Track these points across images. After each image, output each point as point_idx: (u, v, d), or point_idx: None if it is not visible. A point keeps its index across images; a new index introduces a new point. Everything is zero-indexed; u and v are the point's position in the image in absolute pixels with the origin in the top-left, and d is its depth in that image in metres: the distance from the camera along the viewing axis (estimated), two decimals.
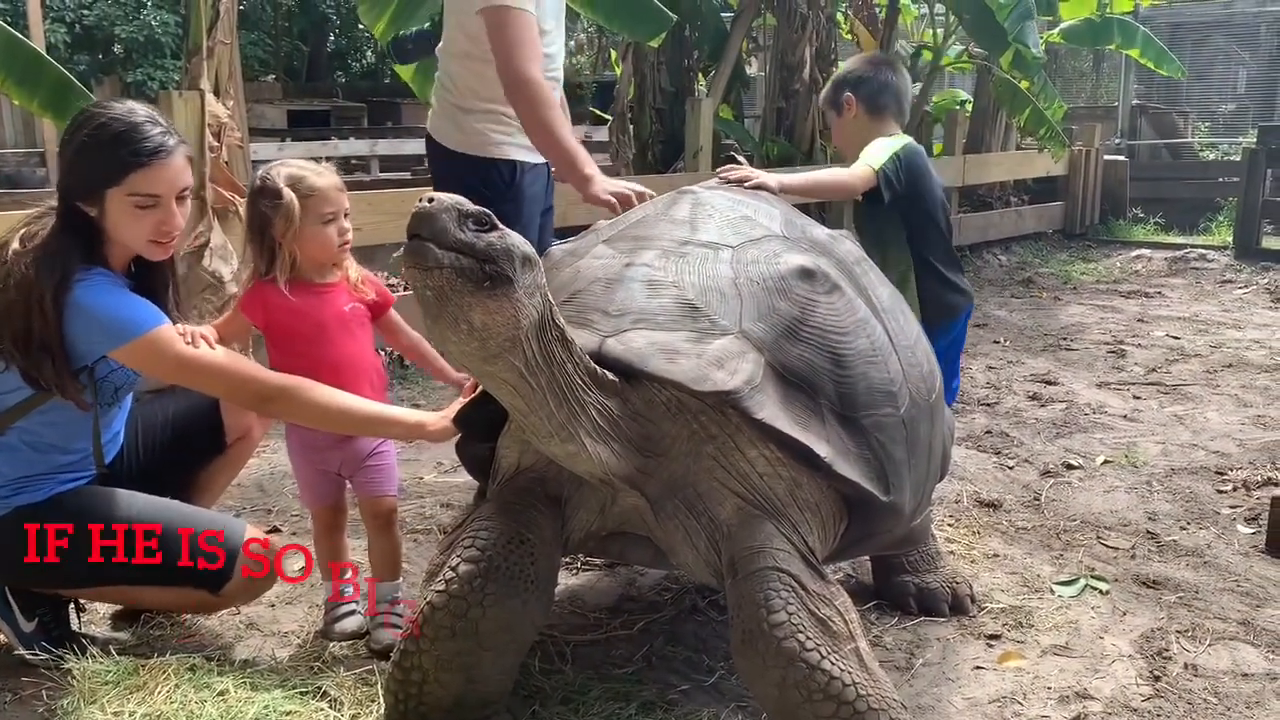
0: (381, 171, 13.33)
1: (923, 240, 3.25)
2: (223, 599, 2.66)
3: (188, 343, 2.46)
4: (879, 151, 3.16)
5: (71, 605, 2.70)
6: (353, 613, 2.78)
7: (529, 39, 3.01)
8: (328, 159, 2.78)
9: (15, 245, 2.42)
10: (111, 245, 2.48)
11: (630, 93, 8.66)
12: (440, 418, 2.55)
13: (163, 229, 2.44)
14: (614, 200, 2.89)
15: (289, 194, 2.49)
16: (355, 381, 2.62)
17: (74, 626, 2.70)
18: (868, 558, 3.07)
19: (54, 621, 2.63)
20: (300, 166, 2.59)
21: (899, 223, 3.22)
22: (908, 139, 3.29)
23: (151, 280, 2.60)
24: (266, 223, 2.52)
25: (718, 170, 2.95)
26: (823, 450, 2.14)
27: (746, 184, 2.81)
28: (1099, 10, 10.10)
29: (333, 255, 2.61)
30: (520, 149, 3.26)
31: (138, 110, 2.44)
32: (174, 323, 2.53)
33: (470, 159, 3.21)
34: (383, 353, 5.24)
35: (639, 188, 2.96)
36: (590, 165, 3.00)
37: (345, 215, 2.60)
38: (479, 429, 2.45)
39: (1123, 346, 6.44)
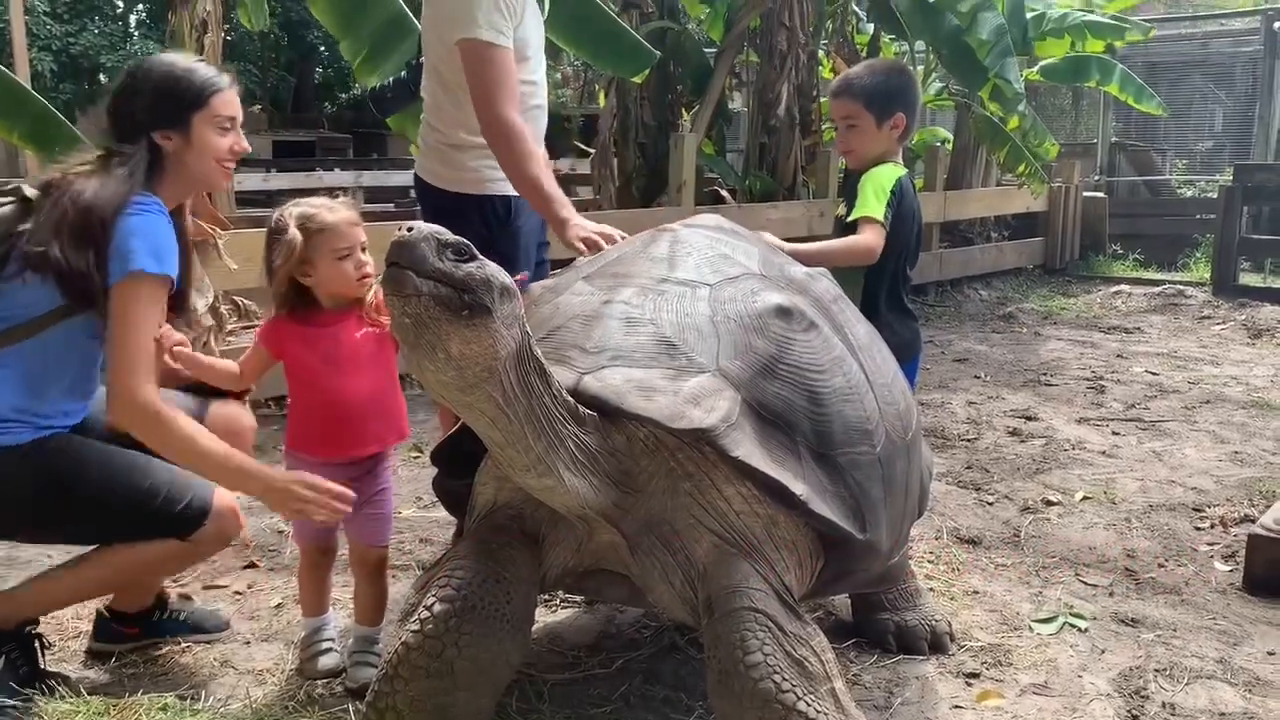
0: (367, 203, 13.33)
1: (877, 276, 3.13)
2: (196, 546, 2.61)
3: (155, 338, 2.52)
4: (876, 194, 3.04)
5: (38, 643, 2.66)
6: (330, 650, 2.75)
7: (506, 77, 2.99)
8: (336, 191, 2.80)
9: (59, 174, 2.51)
10: (170, 183, 2.59)
11: (614, 127, 8.72)
12: (285, 482, 2.49)
13: (235, 150, 2.65)
14: (583, 247, 2.82)
15: (292, 232, 2.52)
16: (370, 414, 2.63)
17: (42, 665, 2.66)
18: (846, 595, 3.06)
19: (22, 659, 2.59)
20: (313, 204, 2.61)
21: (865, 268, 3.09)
22: (903, 171, 3.18)
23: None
24: (275, 259, 2.56)
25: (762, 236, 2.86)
26: (799, 488, 2.14)
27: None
28: (1072, 48, 10.25)
29: (352, 289, 2.60)
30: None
31: (183, 55, 2.73)
32: (181, 284, 2.62)
33: (465, 197, 3.19)
34: None
35: (613, 231, 2.88)
36: (567, 208, 2.96)
37: (363, 249, 2.60)
38: (455, 465, 2.44)
39: (1102, 382, 6.49)
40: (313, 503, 2.46)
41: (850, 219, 3.08)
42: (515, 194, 3.23)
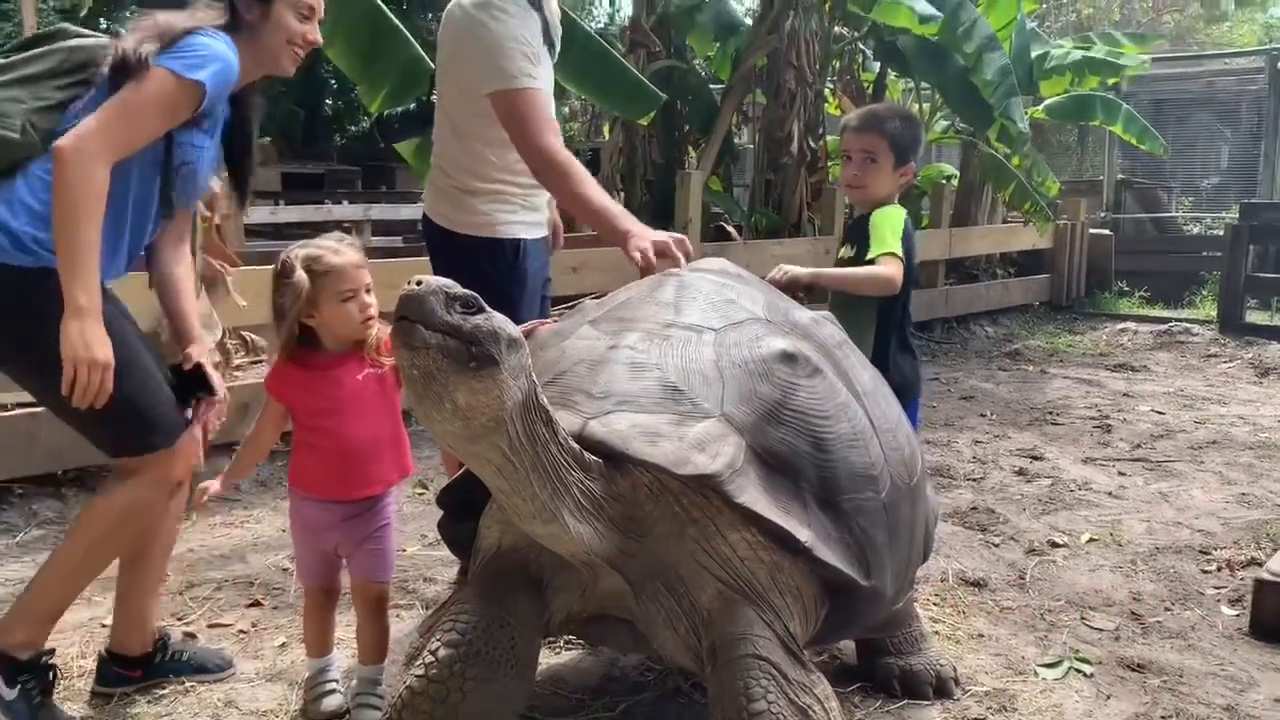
0: (374, 235, 13.42)
1: (888, 317, 3.20)
2: (147, 474, 2.60)
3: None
4: (892, 233, 3.13)
5: (53, 674, 2.66)
6: (333, 691, 2.75)
7: (544, 114, 3.05)
8: (345, 224, 2.83)
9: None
10: (241, 53, 2.64)
11: (619, 163, 8.80)
12: (95, 338, 2.39)
13: (308, 39, 2.75)
14: (640, 261, 2.79)
15: (300, 274, 2.51)
16: (373, 455, 2.63)
17: (55, 695, 2.66)
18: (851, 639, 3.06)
19: (37, 690, 2.60)
20: (319, 246, 2.59)
21: (877, 304, 3.18)
22: (905, 212, 3.26)
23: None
24: (282, 302, 2.56)
25: (768, 276, 2.95)
26: (804, 535, 2.15)
27: (780, 280, 2.91)
28: (1072, 84, 10.31)
29: (357, 331, 2.60)
30: (523, 226, 3.28)
31: None
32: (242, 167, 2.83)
33: (475, 240, 3.20)
34: None
35: (670, 239, 2.83)
36: (627, 219, 2.93)
37: (368, 290, 2.60)
38: (460, 509, 2.45)
39: (1108, 421, 6.48)
40: (83, 380, 2.38)
41: (871, 256, 3.13)
42: (525, 237, 3.26)
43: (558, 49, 3.42)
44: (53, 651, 2.68)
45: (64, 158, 2.39)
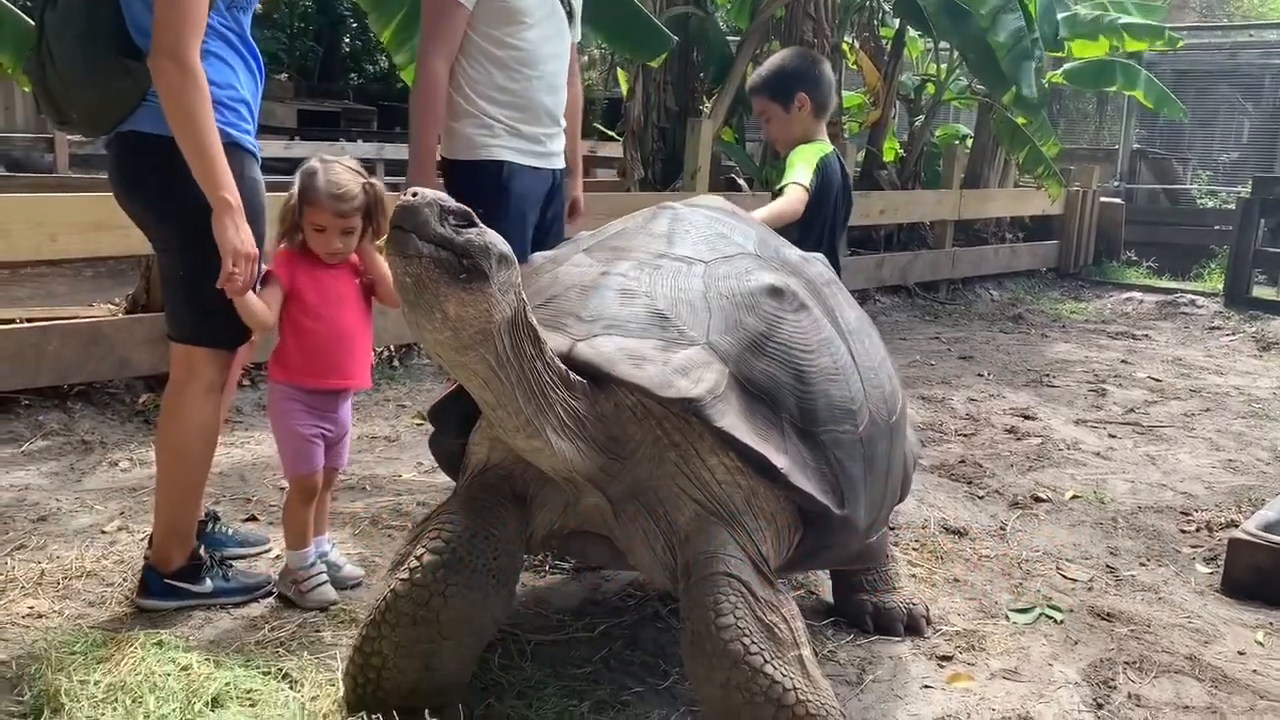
0: (388, 175, 13.44)
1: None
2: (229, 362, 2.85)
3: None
4: (806, 168, 3.31)
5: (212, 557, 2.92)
6: (325, 582, 2.93)
7: (446, 32, 3.20)
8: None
9: None
10: None
11: (634, 111, 8.77)
12: (240, 225, 2.55)
13: None
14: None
15: (294, 191, 2.80)
16: (350, 350, 2.91)
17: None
18: (829, 576, 3.14)
19: (219, 571, 2.91)
20: (329, 178, 2.78)
21: (795, 234, 3.24)
22: (828, 149, 3.43)
23: None
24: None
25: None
26: (780, 461, 2.22)
27: None
28: (1111, 50, 10.18)
29: (322, 255, 2.87)
30: (508, 150, 3.37)
31: None
32: None
33: (460, 164, 3.34)
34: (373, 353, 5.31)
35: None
36: (431, 173, 3.24)
37: (347, 232, 2.82)
38: (451, 425, 2.53)
39: (1104, 385, 6.52)
40: (240, 272, 2.55)
41: (779, 186, 3.37)
42: (509, 159, 3.34)
43: (577, 9, 3.51)
44: (199, 546, 2.92)
45: (160, 71, 2.45)
